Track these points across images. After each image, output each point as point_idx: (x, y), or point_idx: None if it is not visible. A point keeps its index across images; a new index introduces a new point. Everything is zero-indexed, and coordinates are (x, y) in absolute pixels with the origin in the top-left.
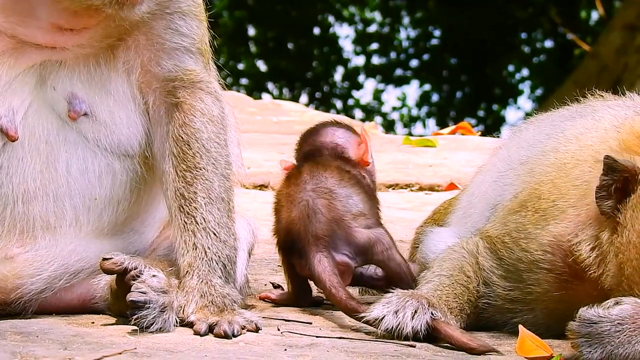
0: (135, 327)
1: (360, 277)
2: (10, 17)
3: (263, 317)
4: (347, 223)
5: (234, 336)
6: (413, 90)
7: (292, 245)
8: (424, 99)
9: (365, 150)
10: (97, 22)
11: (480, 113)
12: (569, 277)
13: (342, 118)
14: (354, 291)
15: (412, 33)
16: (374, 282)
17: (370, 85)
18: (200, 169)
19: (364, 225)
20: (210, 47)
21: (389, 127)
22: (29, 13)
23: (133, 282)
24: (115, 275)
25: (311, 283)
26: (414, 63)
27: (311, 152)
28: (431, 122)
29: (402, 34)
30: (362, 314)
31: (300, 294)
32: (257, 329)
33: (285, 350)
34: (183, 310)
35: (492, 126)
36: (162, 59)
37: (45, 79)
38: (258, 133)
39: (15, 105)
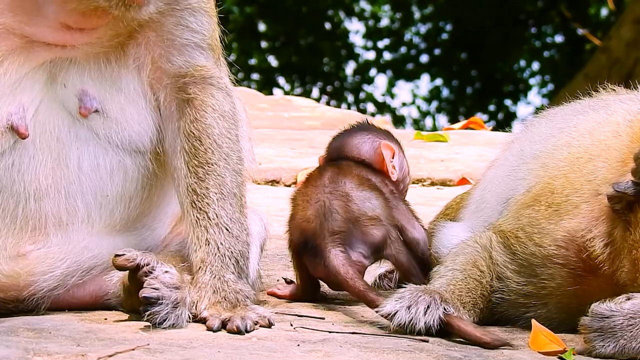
0: (148, 323)
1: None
2: (19, 16)
3: (276, 313)
4: (362, 223)
5: (247, 332)
6: (424, 85)
7: (306, 244)
8: (434, 94)
9: (385, 164)
10: (105, 23)
11: (491, 108)
12: (583, 272)
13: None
14: None
15: (423, 28)
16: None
17: (381, 80)
18: (212, 165)
19: (379, 227)
20: (221, 42)
21: (399, 121)
22: (37, 12)
23: (145, 278)
24: (128, 271)
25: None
26: (424, 58)
27: (337, 159)
28: (442, 117)
29: (413, 29)
30: (375, 309)
31: (309, 290)
32: (269, 325)
33: (298, 345)
34: (196, 306)
35: (503, 121)
36: (172, 55)
37: (55, 76)
38: (269, 129)
39: (26, 102)
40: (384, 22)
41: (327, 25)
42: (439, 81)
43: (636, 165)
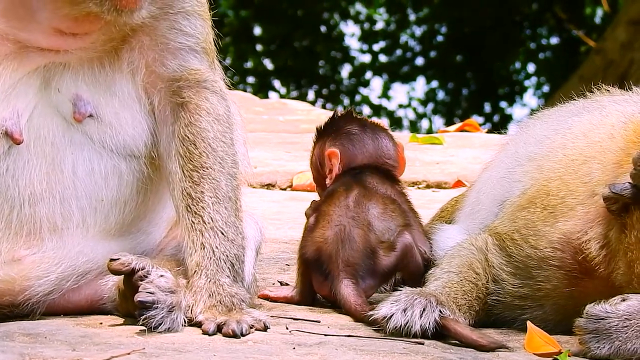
0: (143, 328)
1: None
2: (12, 22)
3: (271, 316)
4: (377, 254)
5: (243, 335)
6: (420, 87)
7: (319, 263)
8: (430, 97)
9: (404, 166)
10: (98, 28)
11: (487, 110)
12: (579, 274)
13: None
14: None
15: (418, 31)
16: None
17: (376, 83)
18: (207, 169)
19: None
20: (215, 46)
21: (395, 124)
22: (30, 18)
23: (141, 282)
24: (123, 275)
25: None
26: (420, 61)
27: (364, 167)
28: (438, 120)
29: (408, 32)
30: (370, 312)
31: (308, 296)
32: (265, 328)
33: (294, 348)
34: (191, 310)
35: (498, 123)
36: (166, 59)
37: (49, 81)
38: (265, 132)
39: (20, 108)
40: (380, 24)
41: (323, 28)
42: (434, 83)
43: (635, 168)
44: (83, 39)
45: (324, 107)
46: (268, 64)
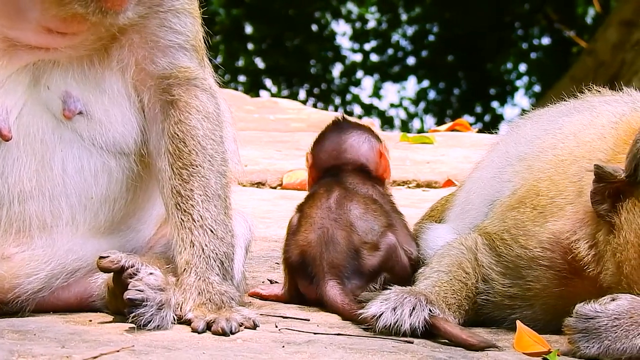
0: (132, 325)
1: None
2: (1, 19)
3: (261, 314)
4: (362, 254)
5: (232, 333)
6: (411, 87)
7: (303, 266)
8: (421, 96)
9: (385, 166)
10: (86, 28)
11: (478, 110)
12: (569, 274)
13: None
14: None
15: (410, 30)
16: None
17: (368, 82)
18: (197, 166)
19: (377, 255)
20: (206, 44)
21: (386, 123)
22: (19, 17)
23: (130, 280)
24: (112, 273)
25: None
26: (411, 60)
27: (335, 167)
28: (429, 119)
29: (400, 31)
30: (360, 311)
31: (295, 297)
32: (254, 326)
33: (283, 347)
34: (181, 308)
35: (489, 123)
36: (156, 57)
37: (39, 78)
38: (255, 131)
39: (9, 105)
40: (371, 24)
41: (314, 28)
42: (425, 83)
43: (635, 145)
44: (72, 38)
45: (315, 106)
46: (259, 63)
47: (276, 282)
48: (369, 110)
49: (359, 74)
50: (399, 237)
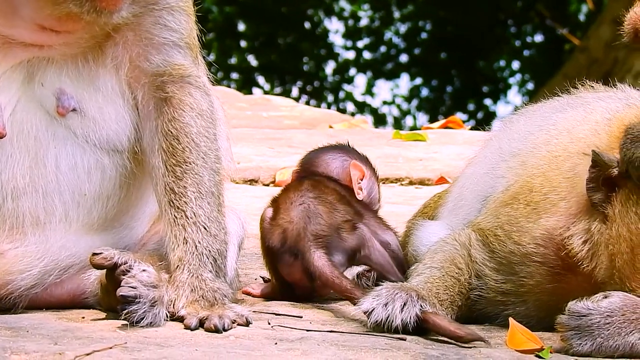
0: (125, 322)
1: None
2: None
3: (253, 311)
4: (342, 232)
5: (225, 330)
6: (404, 84)
7: (285, 245)
8: (414, 94)
9: (351, 183)
10: (81, 27)
11: (471, 107)
12: (562, 270)
13: (336, 115)
14: None
15: (402, 28)
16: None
17: (360, 79)
18: (190, 164)
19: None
20: (199, 41)
21: (379, 121)
22: (14, 14)
23: (123, 276)
24: (105, 270)
25: None
26: (404, 58)
27: (308, 174)
28: (422, 116)
29: (392, 29)
30: (352, 307)
31: (285, 292)
32: (247, 323)
33: (276, 344)
34: (173, 305)
35: (482, 120)
36: (150, 54)
37: (33, 75)
38: (248, 128)
39: (3, 101)
40: (364, 21)
41: (307, 25)
42: (418, 80)
43: (625, 137)
44: (66, 36)
45: (307, 103)
46: (252, 60)
47: (269, 279)
48: (361, 107)
49: (352, 71)
50: (370, 227)
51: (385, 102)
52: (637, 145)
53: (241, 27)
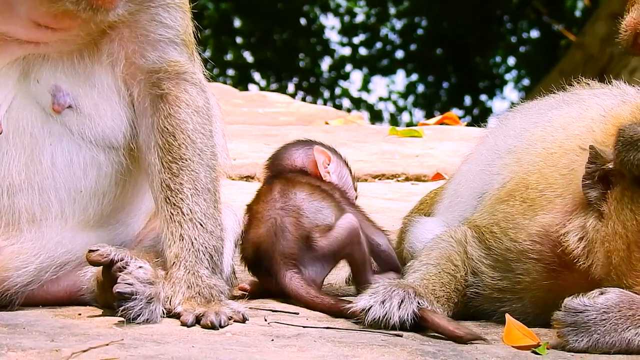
0: (122, 319)
1: None
2: None
3: (250, 308)
4: (313, 238)
5: (221, 327)
6: (400, 80)
7: (260, 263)
8: (410, 90)
9: (317, 168)
10: (77, 24)
11: (467, 103)
12: (558, 267)
13: (332, 111)
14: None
15: (398, 24)
16: None
17: (356, 76)
18: (186, 160)
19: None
20: (195, 38)
21: (375, 117)
22: (9, 11)
23: (119, 273)
24: (102, 267)
25: None
26: (400, 54)
27: (277, 175)
28: (418, 113)
29: (388, 25)
30: (349, 305)
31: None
32: (244, 320)
33: (272, 340)
34: (170, 301)
35: (478, 116)
36: (146, 51)
37: (28, 72)
38: (244, 124)
39: None
40: (360, 17)
41: (303, 21)
42: (414, 77)
43: (618, 138)
44: (62, 33)
45: (303, 99)
46: (248, 57)
47: None
48: (357, 103)
49: (348, 67)
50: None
51: (381, 99)
52: (628, 149)
53: (237, 23)
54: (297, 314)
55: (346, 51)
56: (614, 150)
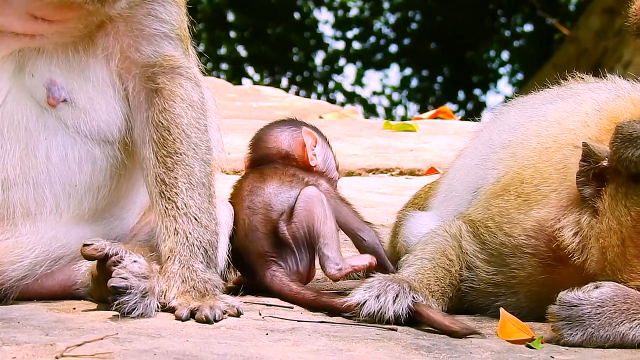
0: (116, 313)
1: None
2: None
3: (244, 302)
4: (280, 228)
5: (216, 321)
6: (393, 74)
7: (244, 263)
8: (404, 84)
9: (305, 153)
10: (77, 16)
11: (461, 97)
12: (553, 262)
13: (326, 105)
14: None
15: (392, 18)
16: None
17: (350, 70)
18: (181, 155)
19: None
20: (190, 32)
21: (369, 111)
22: (4, 3)
23: (114, 267)
24: (96, 261)
25: None
26: (393, 48)
27: (260, 159)
28: (412, 107)
29: (382, 19)
30: (344, 299)
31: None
32: (238, 314)
33: (267, 334)
34: (164, 296)
35: (472, 111)
36: (141, 45)
37: (23, 65)
38: (238, 119)
39: None
40: (353, 11)
41: (296, 15)
42: (408, 71)
43: (616, 135)
44: (59, 25)
45: (297, 93)
46: (241, 51)
47: None
48: (351, 98)
49: (342, 61)
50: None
51: (375, 93)
52: (626, 146)
53: (230, 17)
54: (292, 308)
55: (340, 45)
56: (611, 147)
